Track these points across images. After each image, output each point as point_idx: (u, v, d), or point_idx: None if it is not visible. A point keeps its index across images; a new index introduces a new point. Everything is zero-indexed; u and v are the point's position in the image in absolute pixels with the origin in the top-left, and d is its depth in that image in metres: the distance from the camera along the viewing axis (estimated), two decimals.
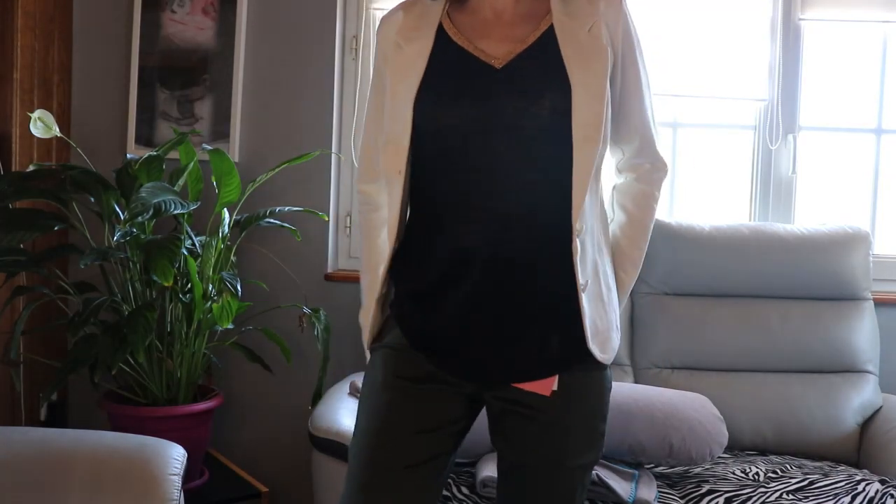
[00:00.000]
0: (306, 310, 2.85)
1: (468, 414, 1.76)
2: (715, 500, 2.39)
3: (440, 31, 1.72)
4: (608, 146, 1.73)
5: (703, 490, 2.43)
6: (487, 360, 1.70)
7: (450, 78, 1.68)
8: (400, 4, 1.79)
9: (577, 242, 1.65)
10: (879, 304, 3.03)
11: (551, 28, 1.69)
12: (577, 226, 1.64)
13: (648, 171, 1.81)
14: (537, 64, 1.67)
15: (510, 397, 1.72)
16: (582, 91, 1.63)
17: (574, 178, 1.64)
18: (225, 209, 2.79)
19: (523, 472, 1.74)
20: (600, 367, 1.73)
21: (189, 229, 2.74)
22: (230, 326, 2.68)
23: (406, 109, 1.67)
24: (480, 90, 1.66)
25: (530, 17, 1.72)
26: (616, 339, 1.76)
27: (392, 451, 1.69)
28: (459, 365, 1.71)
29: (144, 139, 3.12)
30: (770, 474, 2.57)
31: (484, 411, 1.80)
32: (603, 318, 1.72)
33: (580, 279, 1.66)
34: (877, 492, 2.42)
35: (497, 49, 1.69)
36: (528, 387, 1.70)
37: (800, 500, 2.40)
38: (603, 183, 1.77)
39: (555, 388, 1.69)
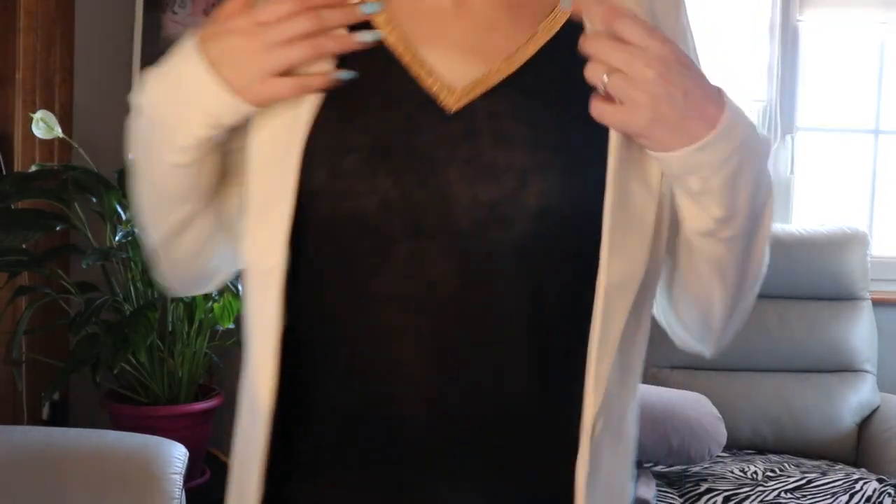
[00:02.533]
0: None
1: None
2: (713, 499, 2.40)
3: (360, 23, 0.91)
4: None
5: (702, 489, 2.44)
6: None
7: (365, 118, 0.89)
8: None
9: (586, 453, 0.90)
10: (877, 304, 3.04)
11: (567, 28, 0.91)
12: (589, 424, 0.91)
13: None
14: (535, 102, 0.89)
15: None
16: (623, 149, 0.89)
17: (594, 328, 0.92)
18: None
19: None
20: None
21: None
22: (231, 326, 2.69)
23: (287, 168, 0.88)
24: (419, 152, 0.87)
25: (523, 6, 0.93)
26: None
27: None
28: None
29: None
30: (768, 473, 2.58)
31: None
32: None
33: None
34: (874, 490, 2.43)
35: (455, 69, 0.89)
36: None
37: (798, 498, 2.41)
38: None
39: None
